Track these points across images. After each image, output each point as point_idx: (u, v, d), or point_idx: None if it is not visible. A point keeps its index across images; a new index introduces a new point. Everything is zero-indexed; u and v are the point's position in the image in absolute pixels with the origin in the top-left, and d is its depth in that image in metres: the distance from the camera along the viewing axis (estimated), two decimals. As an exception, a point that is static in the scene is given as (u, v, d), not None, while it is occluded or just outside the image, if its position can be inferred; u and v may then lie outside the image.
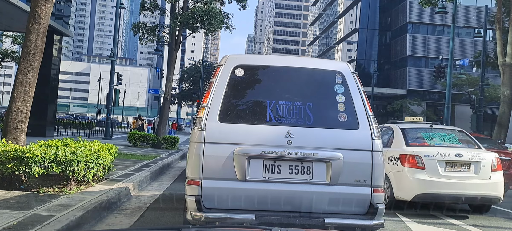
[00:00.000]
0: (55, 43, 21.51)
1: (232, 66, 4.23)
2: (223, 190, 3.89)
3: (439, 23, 48.23)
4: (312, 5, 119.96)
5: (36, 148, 6.13)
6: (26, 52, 7.20)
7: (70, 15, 31.44)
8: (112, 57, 25.38)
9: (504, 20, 22.07)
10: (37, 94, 7.89)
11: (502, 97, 18.82)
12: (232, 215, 3.80)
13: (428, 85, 47.98)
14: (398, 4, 53.07)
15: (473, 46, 44.81)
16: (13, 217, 4.52)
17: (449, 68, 23.23)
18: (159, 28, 24.35)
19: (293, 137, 3.95)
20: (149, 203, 6.82)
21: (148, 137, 18.92)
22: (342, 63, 4.51)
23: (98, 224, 5.25)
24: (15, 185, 6.15)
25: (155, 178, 9.75)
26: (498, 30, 19.44)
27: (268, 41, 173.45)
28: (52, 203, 5.34)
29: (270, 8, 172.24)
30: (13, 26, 21.99)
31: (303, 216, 3.89)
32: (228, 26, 20.82)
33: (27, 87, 7.17)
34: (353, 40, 62.11)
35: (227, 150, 3.91)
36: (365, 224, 3.90)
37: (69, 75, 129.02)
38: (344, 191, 3.95)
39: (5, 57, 28.85)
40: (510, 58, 18.21)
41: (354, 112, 4.10)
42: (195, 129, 4.04)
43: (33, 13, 7.23)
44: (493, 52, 25.72)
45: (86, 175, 6.59)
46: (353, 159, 3.98)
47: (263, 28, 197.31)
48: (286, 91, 4.17)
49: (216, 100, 4.05)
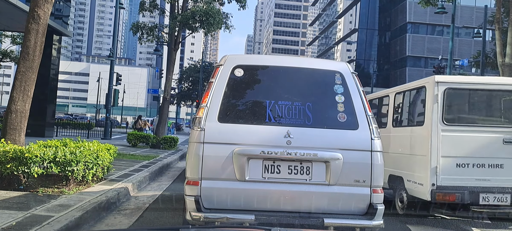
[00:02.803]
0: (54, 43, 21.50)
1: (231, 66, 4.22)
2: (222, 190, 3.89)
3: (438, 23, 48.32)
4: (311, 5, 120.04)
5: (35, 148, 6.12)
6: (25, 52, 7.19)
7: (70, 15, 31.40)
8: (111, 57, 25.37)
9: (504, 20, 22.09)
10: (36, 94, 7.88)
11: (501, 98, 18.80)
12: (232, 215, 3.79)
13: (427, 85, 47.92)
14: (397, 4, 53.13)
15: (472, 46, 44.86)
16: (12, 217, 4.52)
17: (449, 68, 23.25)
18: (158, 28, 24.35)
19: (292, 137, 3.95)
20: (149, 203, 6.82)
21: (147, 137, 18.92)
22: (342, 63, 4.51)
23: (97, 225, 5.24)
24: (14, 185, 6.14)
25: (154, 178, 9.74)
26: (498, 30, 19.43)
27: (267, 41, 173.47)
28: (51, 203, 5.34)
29: (270, 8, 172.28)
30: (12, 26, 21.97)
31: (302, 216, 3.89)
32: (227, 26, 20.80)
33: (26, 87, 7.16)
34: (352, 40, 62.16)
35: (226, 150, 3.91)
36: (364, 224, 3.89)
37: (68, 75, 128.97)
38: (344, 191, 3.94)
39: (4, 57, 28.81)
40: (510, 59, 18.21)
41: (353, 113, 4.10)
42: (195, 129, 4.03)
43: (32, 13, 7.23)
44: (493, 52, 25.74)
45: (85, 175, 6.58)
46: (353, 159, 3.97)
47: (263, 28, 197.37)
48: (285, 92, 4.17)
49: (215, 101, 4.05)
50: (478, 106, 6.65)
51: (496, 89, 6.46)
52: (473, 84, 6.47)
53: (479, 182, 6.06)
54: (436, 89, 6.14)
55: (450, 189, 5.94)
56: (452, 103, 6.27)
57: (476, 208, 6.11)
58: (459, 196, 5.93)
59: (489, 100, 6.61)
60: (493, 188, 6.04)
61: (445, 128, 6.08)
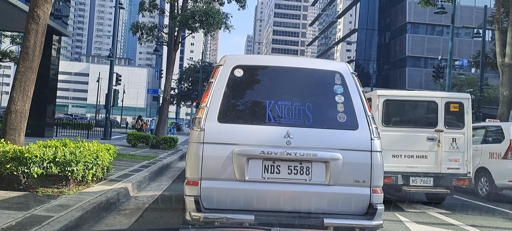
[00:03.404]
0: (54, 43, 21.49)
1: (231, 66, 4.22)
2: (222, 190, 3.89)
3: (438, 24, 48.32)
4: (311, 5, 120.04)
5: (35, 148, 6.12)
6: (25, 53, 7.19)
7: (69, 15, 31.40)
8: (111, 57, 25.36)
9: (503, 21, 22.08)
10: (36, 94, 7.87)
11: (501, 98, 18.81)
12: (231, 216, 3.79)
13: (427, 85, 47.99)
14: (397, 4, 53.13)
15: (472, 47, 44.86)
16: (12, 218, 4.51)
17: (448, 68, 23.26)
18: (158, 28, 24.33)
19: (292, 137, 3.95)
20: (148, 204, 6.82)
21: (147, 137, 18.91)
22: (341, 64, 4.51)
23: (97, 225, 5.24)
24: (14, 186, 6.14)
25: (154, 178, 9.74)
26: (497, 30, 19.43)
27: (267, 41, 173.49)
28: (51, 204, 5.33)
29: (269, 8, 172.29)
30: (11, 26, 21.95)
31: (302, 216, 3.89)
32: (227, 26, 20.80)
33: (26, 87, 7.15)
34: (352, 40, 62.13)
35: (226, 150, 3.91)
36: (364, 225, 3.89)
37: (68, 76, 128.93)
38: (343, 191, 3.94)
39: (3, 57, 28.78)
40: (509, 59, 18.21)
41: (353, 113, 4.10)
42: (194, 129, 4.03)
43: (32, 13, 7.22)
44: (492, 52, 25.73)
45: (85, 175, 6.58)
46: (352, 159, 3.97)
47: (262, 28, 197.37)
48: (285, 92, 4.17)
49: (215, 101, 4.05)
50: (408, 113, 8.40)
51: (420, 100, 8.44)
52: (404, 97, 8.48)
53: (409, 168, 7.93)
54: (377, 100, 8.00)
55: (388, 173, 7.44)
56: (389, 111, 8.11)
57: (407, 188, 7.83)
58: (394, 178, 7.74)
59: (416, 108, 8.42)
60: (420, 173, 7.92)
61: (383, 128, 7.79)
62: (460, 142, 8.08)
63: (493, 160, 9.94)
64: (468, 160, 8.08)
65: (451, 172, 7.98)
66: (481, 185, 10.16)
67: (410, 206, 7.99)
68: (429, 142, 8.02)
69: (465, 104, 8.18)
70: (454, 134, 8.08)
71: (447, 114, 8.12)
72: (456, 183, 7.96)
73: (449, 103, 8.18)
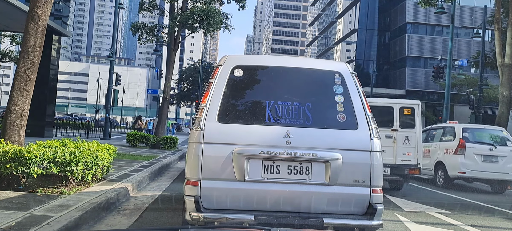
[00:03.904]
0: (54, 43, 21.47)
1: (231, 66, 4.22)
2: (222, 190, 3.89)
3: (438, 24, 48.30)
4: (311, 6, 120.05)
5: (34, 148, 6.11)
6: (24, 53, 7.18)
7: (69, 15, 31.41)
8: (111, 57, 25.36)
9: (503, 21, 22.09)
10: (35, 94, 7.87)
11: (501, 98, 18.83)
12: (231, 216, 3.79)
13: (427, 85, 48.04)
14: (397, 4, 53.12)
15: (472, 47, 44.85)
16: (11, 218, 4.51)
17: (448, 68, 23.26)
18: (158, 28, 24.32)
19: (292, 137, 3.95)
20: (148, 204, 6.81)
21: (146, 137, 18.90)
22: (341, 64, 4.51)
23: (97, 225, 5.23)
24: (14, 186, 6.14)
25: (154, 178, 9.74)
26: (497, 30, 19.44)
27: (267, 42, 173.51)
28: (50, 204, 5.33)
29: (269, 8, 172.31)
30: (11, 26, 21.95)
31: (302, 216, 3.89)
32: (227, 26, 20.80)
33: (25, 87, 7.15)
34: (352, 40, 62.12)
35: (226, 150, 3.91)
36: (364, 224, 3.90)
37: (68, 76, 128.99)
38: (343, 191, 3.95)
39: (3, 57, 28.77)
40: (509, 59, 18.22)
41: (353, 113, 4.10)
42: (194, 129, 4.03)
43: (32, 13, 7.22)
44: (492, 52, 25.74)
45: (85, 175, 6.58)
46: (352, 159, 3.97)
47: (262, 28, 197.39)
48: (285, 92, 4.17)
49: (215, 101, 4.05)
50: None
51: (378, 106, 9.75)
52: (370, 103, 9.62)
53: None
54: None
55: None
56: None
57: None
58: None
59: (377, 112, 9.78)
60: None
61: None
62: (412, 139, 9.77)
63: (447, 155, 11.94)
64: (418, 153, 9.81)
65: (404, 163, 9.72)
66: (438, 176, 12.16)
67: (410, 206, 7.99)
68: (387, 139, 9.57)
69: (416, 109, 9.87)
70: (406, 133, 9.78)
71: (401, 117, 9.81)
72: (408, 172, 9.71)
73: (402, 108, 9.89)
